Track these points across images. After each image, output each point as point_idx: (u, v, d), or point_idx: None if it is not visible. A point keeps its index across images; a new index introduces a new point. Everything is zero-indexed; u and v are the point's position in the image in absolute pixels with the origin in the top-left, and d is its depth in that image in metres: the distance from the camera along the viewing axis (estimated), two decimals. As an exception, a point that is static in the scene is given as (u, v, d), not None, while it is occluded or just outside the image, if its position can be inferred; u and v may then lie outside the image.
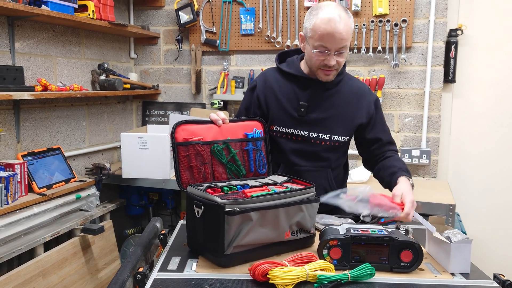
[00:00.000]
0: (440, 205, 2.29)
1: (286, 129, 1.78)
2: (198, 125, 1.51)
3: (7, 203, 1.99)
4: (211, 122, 1.56)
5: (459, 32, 2.79)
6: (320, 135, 1.76)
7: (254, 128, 1.63)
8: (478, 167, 2.96)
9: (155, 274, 1.23)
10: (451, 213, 2.25)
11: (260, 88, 1.83)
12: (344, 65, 1.81)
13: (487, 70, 2.89)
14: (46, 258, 2.13)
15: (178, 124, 1.47)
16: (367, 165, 1.92)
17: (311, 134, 1.76)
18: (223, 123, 1.56)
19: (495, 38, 2.86)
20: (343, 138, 1.78)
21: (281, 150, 1.80)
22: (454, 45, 2.79)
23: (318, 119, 1.76)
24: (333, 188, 1.81)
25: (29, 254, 2.11)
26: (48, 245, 2.22)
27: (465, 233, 2.44)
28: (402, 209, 1.46)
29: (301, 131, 1.76)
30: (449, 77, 2.83)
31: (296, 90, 1.77)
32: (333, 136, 1.76)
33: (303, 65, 1.79)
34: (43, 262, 2.10)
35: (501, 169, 2.92)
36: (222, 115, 1.58)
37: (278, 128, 1.79)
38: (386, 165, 1.76)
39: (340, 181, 1.90)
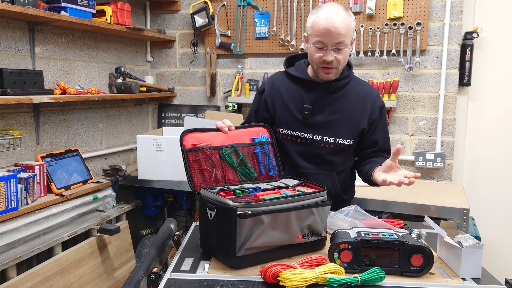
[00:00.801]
0: (454, 209, 2.27)
1: (291, 131, 1.81)
2: (204, 132, 1.55)
3: (27, 203, 2.05)
4: (217, 130, 1.60)
5: (474, 35, 2.77)
6: (325, 138, 1.78)
7: (260, 133, 1.66)
8: (494, 171, 2.92)
9: (168, 275, 1.25)
10: (465, 217, 2.23)
11: (267, 91, 1.88)
12: (351, 67, 1.84)
13: (503, 73, 2.85)
14: (64, 257, 2.18)
15: (185, 133, 1.51)
16: (356, 166, 1.93)
17: (315, 137, 1.78)
18: (229, 130, 1.60)
19: (511, 40, 2.82)
20: (348, 142, 1.79)
21: (287, 152, 1.83)
22: (469, 48, 2.77)
23: (322, 122, 1.78)
24: (337, 192, 1.84)
25: (48, 253, 2.16)
26: (66, 245, 2.27)
27: (479, 237, 2.42)
28: (396, 225, 1.53)
29: (306, 134, 1.79)
30: (464, 80, 2.80)
31: (302, 93, 1.80)
32: (337, 139, 1.78)
33: (310, 69, 1.82)
34: (61, 261, 2.15)
35: (517, 173, 2.88)
36: (228, 122, 1.62)
37: (284, 131, 1.82)
38: (373, 161, 1.79)
39: (346, 185, 1.90)
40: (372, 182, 1.74)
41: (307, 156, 1.81)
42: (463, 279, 1.25)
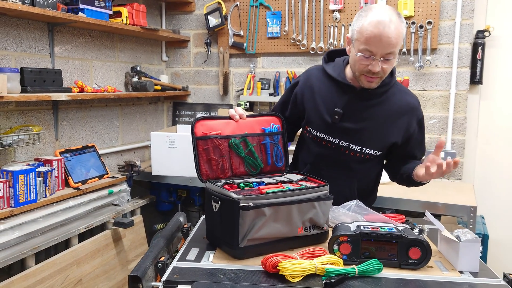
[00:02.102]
0: (462, 207, 2.28)
1: (318, 132, 1.74)
2: (216, 120, 1.56)
3: (46, 196, 2.14)
4: (229, 118, 1.58)
5: (486, 33, 2.76)
6: (351, 145, 1.70)
7: (272, 123, 1.64)
8: (505, 170, 2.91)
9: (174, 263, 1.31)
10: (472, 214, 2.24)
11: (301, 85, 1.79)
12: (393, 74, 1.70)
13: (516, 71, 2.85)
14: (80, 248, 2.27)
15: (197, 120, 1.52)
16: (389, 171, 1.87)
17: (342, 143, 1.70)
18: (240, 118, 1.57)
19: (524, 39, 2.81)
20: (375, 152, 1.70)
21: (310, 151, 1.78)
22: (481, 47, 2.76)
23: (351, 129, 1.68)
24: (354, 198, 1.72)
25: (65, 244, 2.25)
26: (83, 236, 2.36)
27: (487, 235, 2.42)
28: (398, 220, 1.53)
29: (332, 138, 1.71)
30: (476, 79, 2.80)
31: (334, 94, 1.70)
32: (364, 148, 1.70)
33: (348, 70, 1.70)
34: (77, 252, 2.24)
35: (530, 172, 2.87)
36: (240, 110, 1.58)
37: (311, 130, 1.76)
38: (412, 162, 1.74)
39: (367, 191, 1.83)
40: (411, 182, 1.69)
41: (330, 160, 1.74)
42: (461, 272, 1.27)
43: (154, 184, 3.19)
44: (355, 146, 1.69)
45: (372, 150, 1.69)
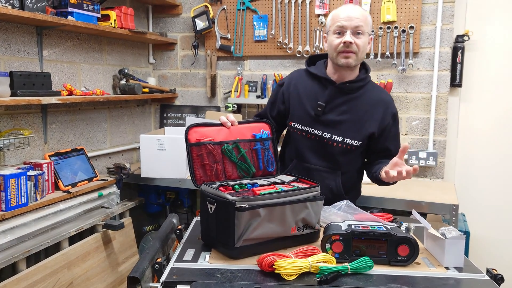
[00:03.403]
0: (444, 205, 2.36)
1: (303, 126, 1.87)
2: (209, 127, 1.60)
3: (36, 200, 2.14)
4: (221, 124, 1.64)
5: (465, 38, 2.86)
6: (333, 136, 1.83)
7: (262, 129, 1.70)
8: (484, 169, 3.02)
9: (172, 264, 1.33)
10: (454, 212, 2.32)
11: (286, 84, 1.96)
12: (368, 71, 1.91)
13: (493, 74, 2.95)
14: (71, 251, 2.27)
15: (191, 127, 1.57)
16: (366, 169, 1.97)
17: (325, 135, 1.84)
18: (232, 125, 1.64)
19: (501, 43, 2.92)
20: (356, 143, 1.84)
21: (296, 146, 1.89)
22: (460, 51, 2.86)
23: (333, 120, 1.83)
24: (339, 190, 1.88)
25: (55, 247, 2.25)
26: (73, 240, 2.36)
27: (469, 232, 2.51)
28: (386, 219, 1.59)
29: (316, 130, 1.85)
30: (456, 82, 2.90)
31: (317, 90, 1.86)
32: (345, 139, 1.83)
33: (329, 69, 1.88)
34: (68, 255, 2.25)
35: (507, 171, 2.97)
36: (232, 117, 1.65)
37: (295, 125, 1.88)
38: (382, 161, 1.83)
39: (350, 184, 1.94)
40: (380, 181, 1.80)
41: (315, 152, 1.87)
42: (447, 268, 1.33)
43: (143, 186, 3.20)
44: (337, 137, 1.83)
45: (352, 141, 1.83)
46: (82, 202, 2.43)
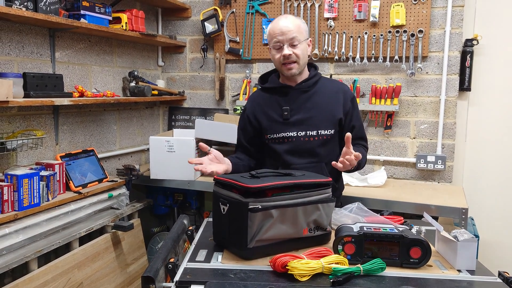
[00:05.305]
0: (453, 209, 2.36)
1: (276, 134, 1.97)
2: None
3: (48, 200, 2.16)
4: None
5: (474, 42, 2.86)
6: (308, 132, 1.94)
7: None
8: (493, 173, 3.01)
9: (185, 264, 1.35)
10: (463, 216, 2.32)
11: (249, 108, 2.08)
12: (316, 68, 2.06)
13: (502, 78, 2.94)
14: (81, 251, 2.29)
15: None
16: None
17: (299, 133, 1.95)
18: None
19: (510, 48, 2.92)
20: (329, 131, 1.95)
21: (277, 154, 1.97)
22: (469, 55, 2.86)
23: (302, 119, 1.95)
24: None
25: (66, 248, 2.27)
26: (83, 240, 2.38)
27: (478, 236, 2.51)
28: (397, 221, 1.61)
29: (290, 133, 1.95)
30: (464, 86, 2.90)
31: (278, 99, 1.99)
32: (319, 131, 1.94)
33: (281, 78, 2.02)
34: (78, 256, 2.26)
35: (516, 175, 2.97)
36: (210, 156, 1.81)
37: (270, 136, 1.99)
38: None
39: (335, 174, 2.03)
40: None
41: (295, 153, 1.96)
42: (459, 270, 1.33)
43: (151, 188, 3.21)
44: (311, 132, 1.95)
45: (326, 130, 1.95)
46: (93, 203, 2.45)
